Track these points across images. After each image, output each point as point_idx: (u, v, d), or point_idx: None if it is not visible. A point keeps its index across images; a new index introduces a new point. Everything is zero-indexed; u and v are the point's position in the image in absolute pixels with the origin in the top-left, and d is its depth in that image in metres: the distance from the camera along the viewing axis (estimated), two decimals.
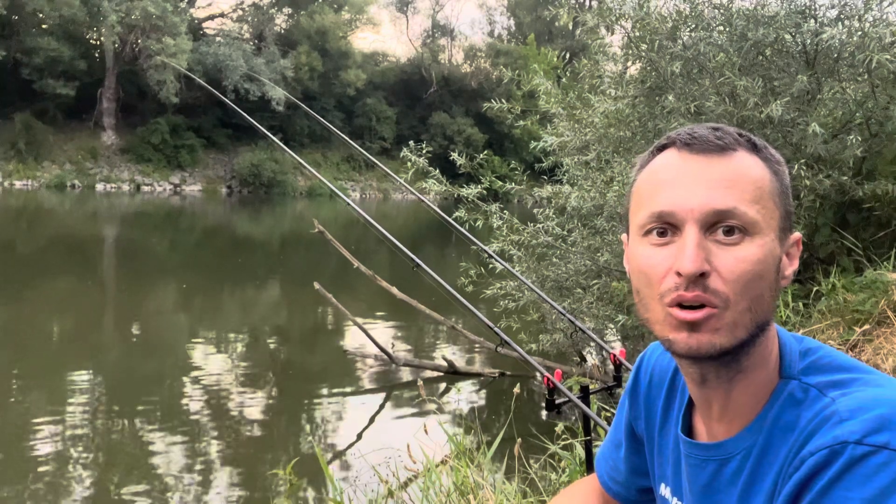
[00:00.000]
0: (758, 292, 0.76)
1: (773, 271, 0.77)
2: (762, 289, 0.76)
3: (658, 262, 0.78)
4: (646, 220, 0.79)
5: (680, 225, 0.77)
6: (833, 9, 4.25)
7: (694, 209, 0.76)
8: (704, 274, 0.75)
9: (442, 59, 48.68)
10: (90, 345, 8.55)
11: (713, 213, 0.75)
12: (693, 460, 0.87)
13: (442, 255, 15.90)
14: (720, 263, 0.75)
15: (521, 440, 3.07)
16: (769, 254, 0.76)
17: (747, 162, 0.78)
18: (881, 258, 4.05)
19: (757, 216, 0.76)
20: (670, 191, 0.78)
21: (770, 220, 0.77)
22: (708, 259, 0.75)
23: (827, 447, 0.70)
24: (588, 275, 5.77)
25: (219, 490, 4.84)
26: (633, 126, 4.92)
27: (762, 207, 0.77)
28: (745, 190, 0.76)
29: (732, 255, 0.75)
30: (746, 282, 0.75)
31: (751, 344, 0.78)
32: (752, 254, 0.75)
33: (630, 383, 1.04)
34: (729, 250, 0.75)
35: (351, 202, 3.73)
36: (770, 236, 0.77)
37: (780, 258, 0.78)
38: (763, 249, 0.76)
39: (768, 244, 0.76)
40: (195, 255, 17.81)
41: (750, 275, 0.75)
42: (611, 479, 1.10)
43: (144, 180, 36.61)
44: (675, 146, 0.81)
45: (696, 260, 0.74)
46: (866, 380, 0.77)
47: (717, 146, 0.78)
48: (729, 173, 0.77)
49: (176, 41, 34.30)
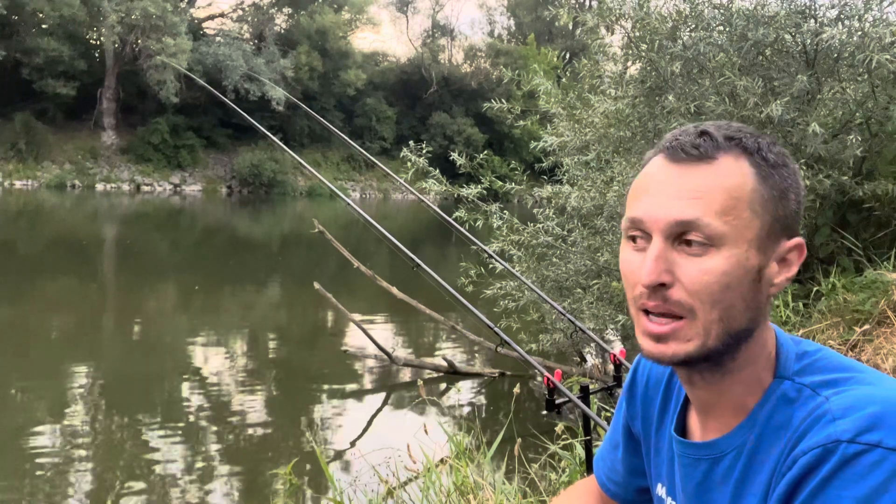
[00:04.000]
0: (727, 303, 0.76)
1: (745, 282, 0.76)
2: (732, 299, 0.76)
3: (633, 267, 0.80)
4: (626, 224, 0.81)
5: (650, 233, 0.78)
6: (833, 9, 4.24)
7: (659, 220, 0.77)
8: (665, 284, 0.76)
9: (442, 59, 48.65)
10: (90, 345, 8.55)
11: (675, 223, 0.76)
12: (686, 459, 0.88)
13: (442, 255, 15.90)
14: (683, 274, 0.76)
15: (521, 440, 3.07)
16: (738, 265, 0.75)
17: (726, 169, 0.77)
18: (881, 258, 4.05)
19: (724, 227, 0.75)
20: (645, 199, 0.79)
21: (744, 229, 0.76)
22: (671, 269, 0.76)
23: (820, 446, 0.70)
24: (588, 275, 5.77)
25: (219, 490, 4.85)
26: (633, 126, 4.92)
27: (734, 218, 0.75)
28: (713, 201, 0.76)
29: (696, 267, 0.75)
30: (712, 293, 0.75)
31: (728, 351, 0.78)
32: (716, 265, 0.75)
33: (627, 384, 1.04)
34: (693, 261, 0.76)
35: (351, 202, 3.73)
36: (742, 247, 0.76)
37: (757, 267, 0.77)
38: (729, 261, 0.75)
39: (738, 255, 0.75)
40: (195, 255, 17.81)
41: (715, 286, 0.75)
42: (609, 479, 1.10)
43: (144, 180, 36.60)
44: (662, 152, 0.81)
45: (653, 272, 0.76)
46: (859, 378, 0.77)
47: (692, 156, 0.78)
48: (700, 183, 0.77)
49: (176, 41, 34.27)
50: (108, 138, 37.43)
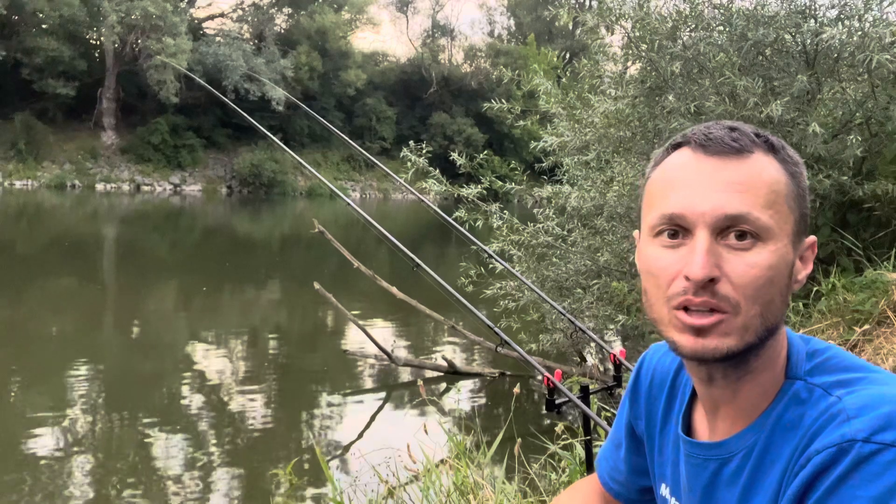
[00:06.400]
0: (769, 297, 0.75)
1: (785, 276, 0.76)
2: (773, 294, 0.76)
3: (667, 264, 0.77)
4: (657, 220, 0.79)
5: (691, 228, 0.76)
6: (833, 9, 4.25)
7: (706, 213, 0.75)
8: (714, 279, 0.74)
9: (442, 59, 48.65)
10: (90, 344, 8.54)
11: (725, 217, 0.74)
12: (694, 460, 0.87)
13: (442, 255, 15.90)
14: (731, 269, 0.74)
15: (521, 440, 3.07)
16: (781, 259, 0.76)
17: (763, 164, 0.77)
18: (881, 258, 4.05)
19: (770, 221, 0.75)
20: (682, 193, 0.77)
21: (784, 224, 0.76)
22: (718, 264, 0.74)
23: (834, 445, 0.70)
24: (588, 275, 5.77)
25: (219, 490, 4.84)
26: (633, 126, 4.92)
27: (776, 212, 0.75)
28: (758, 194, 0.75)
29: (744, 261, 0.74)
30: (757, 287, 0.74)
31: (760, 346, 0.78)
32: (763, 259, 0.74)
33: (631, 383, 1.04)
34: (740, 256, 0.75)
35: (351, 202, 3.73)
36: (783, 241, 0.76)
37: (792, 263, 0.78)
38: (775, 255, 0.75)
39: (781, 249, 0.76)
40: (195, 255, 17.80)
41: (761, 280, 0.74)
42: (611, 478, 1.10)
43: (144, 180, 36.60)
44: (689, 145, 0.79)
45: (706, 266, 0.74)
46: (872, 378, 0.76)
47: (732, 148, 0.77)
48: (743, 177, 0.76)
49: (176, 41, 34.27)
50: (108, 138, 37.43)
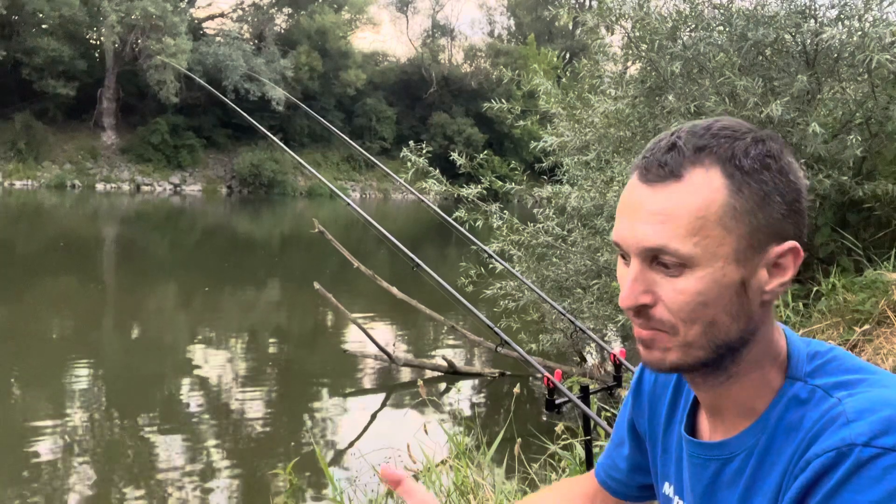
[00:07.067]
0: (708, 319, 0.75)
1: (725, 296, 0.75)
2: (713, 315, 0.75)
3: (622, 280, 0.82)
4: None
5: (627, 255, 0.79)
6: (833, 9, 4.25)
7: (631, 245, 0.77)
8: (647, 305, 0.77)
9: (442, 59, 48.64)
10: (90, 345, 8.54)
11: (646, 249, 0.76)
12: (696, 460, 0.87)
13: (442, 255, 15.90)
14: (663, 293, 0.76)
15: (521, 440, 3.07)
16: (713, 283, 0.74)
17: (693, 187, 0.74)
18: (881, 258, 4.05)
19: (694, 250, 0.74)
20: (620, 221, 0.80)
21: (716, 248, 0.74)
22: (651, 289, 0.77)
23: (834, 449, 0.69)
24: (588, 275, 5.77)
25: (219, 490, 4.85)
26: (633, 126, 4.92)
27: (703, 238, 0.74)
28: (679, 224, 0.74)
29: (673, 287, 0.75)
30: (690, 311, 0.75)
31: (724, 358, 0.78)
32: (691, 286, 0.74)
33: (634, 382, 1.04)
34: (670, 282, 0.76)
35: (351, 202, 3.72)
36: (717, 264, 0.74)
37: (739, 280, 0.75)
38: (703, 281, 0.74)
39: (714, 273, 0.74)
40: (195, 255, 17.81)
41: (692, 304, 0.75)
42: (609, 476, 1.11)
43: (144, 180, 36.58)
44: (636, 170, 0.80)
45: (629, 296, 0.77)
46: (873, 381, 0.76)
47: (660, 174, 0.76)
48: (665, 206, 0.75)
49: (176, 41, 34.26)
50: (108, 138, 37.42)
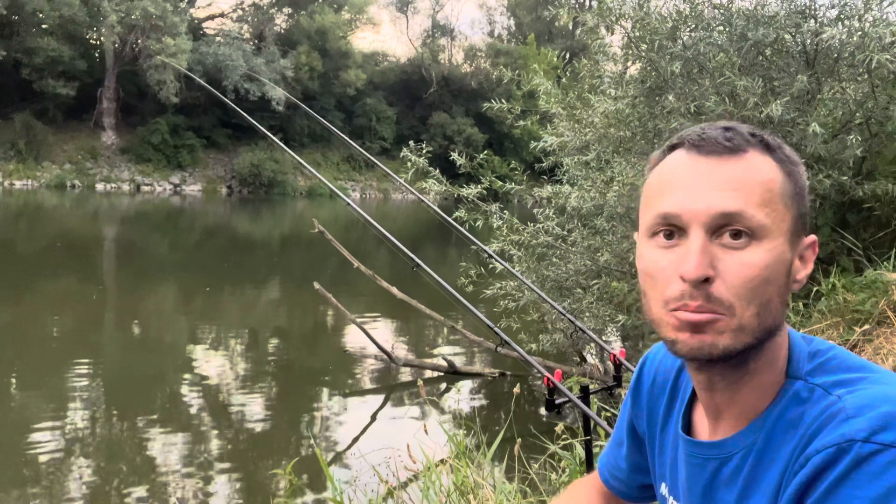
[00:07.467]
0: (766, 297, 0.75)
1: (782, 276, 0.76)
2: (770, 294, 0.75)
3: (664, 265, 0.77)
4: (653, 221, 0.78)
5: (686, 228, 0.76)
6: (833, 9, 4.25)
7: (700, 212, 0.75)
8: (708, 279, 0.74)
9: (442, 59, 48.64)
10: (90, 345, 8.54)
11: (719, 216, 0.74)
12: (694, 459, 0.87)
13: (442, 255, 15.90)
14: (725, 268, 0.74)
15: (521, 440, 3.07)
16: (778, 258, 0.75)
17: (758, 163, 0.77)
18: (881, 258, 4.05)
19: (766, 220, 0.74)
20: (677, 192, 0.77)
21: (780, 223, 0.75)
22: (713, 264, 0.74)
23: (833, 445, 0.70)
24: (588, 275, 5.77)
25: (219, 490, 4.84)
26: (633, 126, 4.93)
27: (772, 210, 0.75)
28: (753, 192, 0.75)
29: (738, 260, 0.74)
30: (753, 287, 0.74)
31: (758, 348, 0.77)
32: (759, 259, 0.74)
33: (633, 381, 1.04)
34: (735, 255, 0.74)
35: (351, 202, 3.73)
36: (780, 240, 0.75)
37: (790, 262, 0.77)
38: (771, 254, 0.74)
39: (777, 248, 0.75)
40: (195, 255, 17.80)
41: (756, 280, 0.74)
42: (612, 476, 1.11)
43: (144, 180, 36.59)
44: (684, 146, 0.80)
45: (700, 265, 0.73)
46: (873, 378, 0.76)
47: (726, 147, 0.77)
48: (737, 175, 0.75)
49: (176, 41, 34.26)
50: (107, 138, 37.43)
